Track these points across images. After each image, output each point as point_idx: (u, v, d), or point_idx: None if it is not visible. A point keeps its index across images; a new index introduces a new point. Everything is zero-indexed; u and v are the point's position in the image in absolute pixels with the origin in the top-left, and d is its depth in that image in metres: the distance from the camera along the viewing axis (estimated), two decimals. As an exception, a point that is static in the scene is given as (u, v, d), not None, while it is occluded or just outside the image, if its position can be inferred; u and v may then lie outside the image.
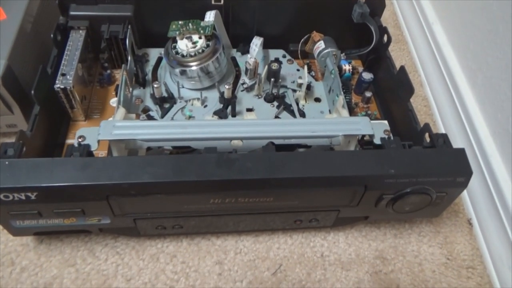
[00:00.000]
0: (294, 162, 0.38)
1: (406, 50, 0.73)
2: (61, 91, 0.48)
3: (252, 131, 0.42)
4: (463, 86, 0.58)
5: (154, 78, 0.56)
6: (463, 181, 0.40)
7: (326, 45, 0.56)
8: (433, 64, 0.66)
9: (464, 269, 0.47)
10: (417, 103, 0.64)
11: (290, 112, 0.54)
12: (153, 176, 0.36)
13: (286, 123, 0.44)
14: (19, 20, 0.50)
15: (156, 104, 0.53)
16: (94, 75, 0.57)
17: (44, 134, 0.46)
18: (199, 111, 0.53)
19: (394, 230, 0.49)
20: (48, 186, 0.35)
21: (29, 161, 0.36)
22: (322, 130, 0.42)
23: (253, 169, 0.37)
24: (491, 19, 0.53)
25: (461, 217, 0.51)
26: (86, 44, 0.53)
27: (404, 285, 0.45)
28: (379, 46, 0.57)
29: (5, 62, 0.45)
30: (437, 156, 0.40)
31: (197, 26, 0.52)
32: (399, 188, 0.40)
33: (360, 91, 0.58)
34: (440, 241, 0.49)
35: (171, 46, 0.53)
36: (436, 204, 0.43)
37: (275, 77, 0.54)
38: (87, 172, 0.36)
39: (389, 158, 0.39)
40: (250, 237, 0.47)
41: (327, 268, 0.46)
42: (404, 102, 0.50)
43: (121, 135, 0.40)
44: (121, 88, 0.48)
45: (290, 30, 0.59)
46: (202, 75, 0.53)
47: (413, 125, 0.47)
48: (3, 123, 0.50)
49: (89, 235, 0.46)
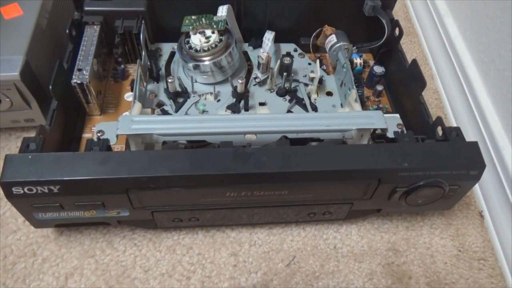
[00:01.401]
0: (309, 156, 0.39)
1: (417, 43, 0.73)
2: (77, 86, 0.48)
3: (267, 125, 0.42)
4: (475, 79, 0.58)
5: (168, 72, 0.56)
6: (476, 174, 0.40)
7: (338, 39, 0.56)
8: (444, 57, 0.66)
9: (476, 261, 0.47)
10: (428, 96, 0.64)
11: (302, 106, 0.54)
12: (171, 170, 0.37)
13: (300, 118, 0.45)
14: (35, 16, 0.51)
15: (170, 99, 0.53)
16: (108, 70, 0.58)
17: (61, 129, 0.47)
18: (213, 106, 0.53)
19: (406, 223, 0.50)
20: (70, 179, 0.36)
21: (51, 155, 0.37)
22: (337, 124, 0.43)
23: (269, 163, 0.38)
24: (503, 10, 0.53)
25: (472, 210, 0.52)
26: (100, 39, 0.53)
27: (416, 276, 0.46)
28: (391, 39, 0.57)
29: (23, 58, 0.46)
30: (450, 149, 0.40)
31: (210, 21, 0.53)
32: (413, 181, 0.40)
33: (371, 84, 0.58)
34: (451, 233, 0.49)
35: (185, 41, 0.53)
36: (448, 197, 0.43)
37: (287, 71, 0.54)
38: (107, 166, 0.37)
39: (402, 151, 0.40)
40: (264, 230, 0.48)
41: (340, 260, 0.46)
42: (416, 95, 0.50)
43: (139, 129, 0.41)
44: (137, 83, 0.49)
45: (302, 24, 0.59)
46: (215, 70, 0.53)
47: (425, 119, 0.48)
48: (21, 118, 0.51)
49: (107, 227, 0.47)
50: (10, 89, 0.46)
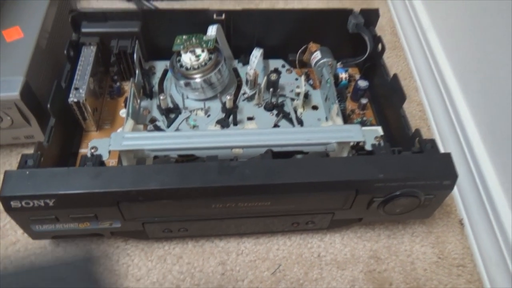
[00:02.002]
0: (290, 168, 0.41)
1: (403, 56, 0.75)
2: (74, 104, 0.51)
3: (251, 140, 0.45)
4: (455, 91, 0.60)
5: (161, 89, 0.59)
6: (449, 184, 0.42)
7: (322, 55, 0.59)
8: (427, 70, 0.68)
9: (455, 267, 0.49)
10: (412, 108, 0.66)
11: (289, 120, 0.57)
12: (160, 183, 0.39)
13: (283, 132, 0.47)
14: (35, 37, 0.54)
15: (163, 115, 0.56)
16: (105, 87, 0.61)
17: (59, 144, 0.49)
18: (203, 121, 0.56)
19: (387, 231, 0.52)
20: (65, 193, 0.39)
21: (47, 170, 0.40)
22: (316, 138, 0.45)
23: (252, 175, 0.40)
24: (481, 24, 0.55)
25: (453, 218, 0.54)
26: (97, 59, 0.56)
27: (396, 283, 0.48)
28: (374, 55, 0.59)
29: (23, 79, 0.49)
30: (424, 160, 0.42)
31: (200, 40, 0.55)
32: (389, 192, 0.42)
33: (356, 98, 0.60)
34: (432, 241, 0.51)
35: (176, 60, 0.56)
36: (425, 206, 0.45)
37: (274, 87, 0.57)
38: (99, 180, 0.39)
39: (378, 163, 0.42)
40: (251, 239, 0.50)
41: (324, 267, 0.48)
42: (397, 108, 0.52)
43: (130, 145, 0.43)
44: (130, 101, 0.51)
45: (289, 40, 0.62)
46: (205, 86, 0.56)
47: (406, 131, 0.50)
48: (21, 135, 0.54)
49: (101, 238, 0.49)
50: (11, 108, 0.49)
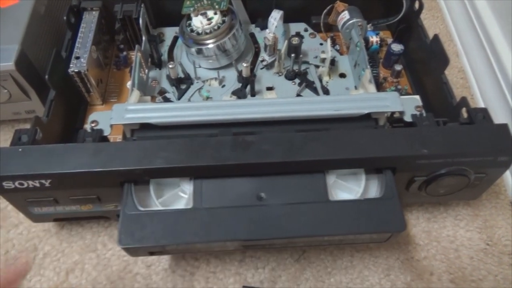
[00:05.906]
0: (315, 143, 0.36)
1: (440, 17, 0.68)
2: (75, 74, 0.47)
3: (271, 111, 0.39)
4: (505, 56, 0.53)
5: (171, 58, 0.54)
6: (506, 161, 0.36)
7: (350, 16, 0.52)
8: (471, 32, 0.60)
9: (506, 255, 0.44)
10: (453, 75, 0.60)
11: (313, 89, 0.51)
12: (166, 161, 0.35)
13: (308, 102, 0.41)
14: (32, 2, 0.49)
15: (173, 86, 0.51)
16: (110, 57, 0.56)
17: (61, 120, 0.46)
18: (217, 91, 0.51)
19: (427, 214, 0.46)
20: (61, 172, 0.34)
21: (42, 147, 0.36)
22: (347, 108, 0.39)
23: (271, 151, 0.35)
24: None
25: (502, 199, 0.48)
26: (100, 26, 0.52)
27: (438, 273, 0.42)
28: (410, 14, 0.53)
29: (18, 47, 0.45)
30: (475, 133, 0.37)
31: (212, 1, 0.50)
32: (433, 170, 0.37)
33: (389, 64, 0.54)
34: (479, 225, 0.45)
35: (186, 24, 0.51)
36: (474, 186, 0.39)
37: (296, 52, 0.51)
38: (100, 158, 0.35)
39: (421, 136, 0.36)
40: (272, 222, 0.46)
41: (354, 254, 0.43)
42: (438, 74, 0.46)
43: (133, 118, 0.38)
44: (135, 70, 0.47)
45: (312, 1, 0.56)
46: (219, 53, 0.50)
47: (449, 100, 0.44)
48: (22, 110, 0.50)
49: (108, 220, 0.45)
50: (7, 80, 0.45)
